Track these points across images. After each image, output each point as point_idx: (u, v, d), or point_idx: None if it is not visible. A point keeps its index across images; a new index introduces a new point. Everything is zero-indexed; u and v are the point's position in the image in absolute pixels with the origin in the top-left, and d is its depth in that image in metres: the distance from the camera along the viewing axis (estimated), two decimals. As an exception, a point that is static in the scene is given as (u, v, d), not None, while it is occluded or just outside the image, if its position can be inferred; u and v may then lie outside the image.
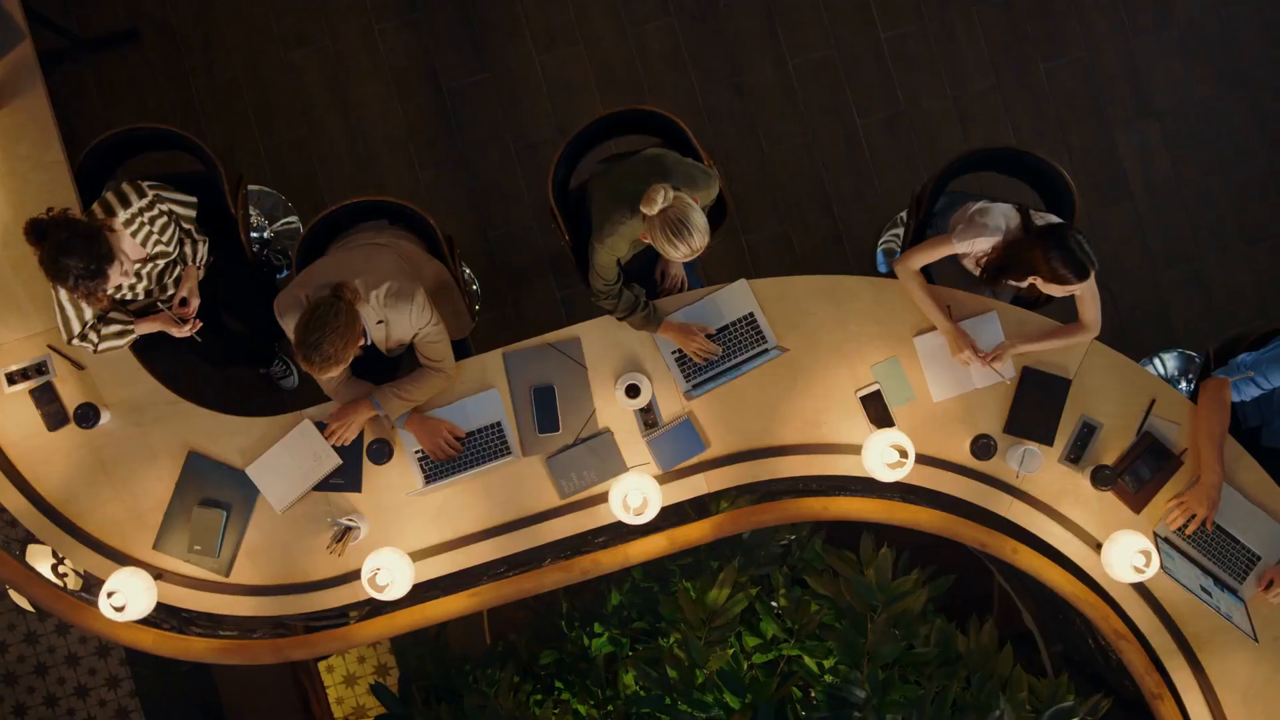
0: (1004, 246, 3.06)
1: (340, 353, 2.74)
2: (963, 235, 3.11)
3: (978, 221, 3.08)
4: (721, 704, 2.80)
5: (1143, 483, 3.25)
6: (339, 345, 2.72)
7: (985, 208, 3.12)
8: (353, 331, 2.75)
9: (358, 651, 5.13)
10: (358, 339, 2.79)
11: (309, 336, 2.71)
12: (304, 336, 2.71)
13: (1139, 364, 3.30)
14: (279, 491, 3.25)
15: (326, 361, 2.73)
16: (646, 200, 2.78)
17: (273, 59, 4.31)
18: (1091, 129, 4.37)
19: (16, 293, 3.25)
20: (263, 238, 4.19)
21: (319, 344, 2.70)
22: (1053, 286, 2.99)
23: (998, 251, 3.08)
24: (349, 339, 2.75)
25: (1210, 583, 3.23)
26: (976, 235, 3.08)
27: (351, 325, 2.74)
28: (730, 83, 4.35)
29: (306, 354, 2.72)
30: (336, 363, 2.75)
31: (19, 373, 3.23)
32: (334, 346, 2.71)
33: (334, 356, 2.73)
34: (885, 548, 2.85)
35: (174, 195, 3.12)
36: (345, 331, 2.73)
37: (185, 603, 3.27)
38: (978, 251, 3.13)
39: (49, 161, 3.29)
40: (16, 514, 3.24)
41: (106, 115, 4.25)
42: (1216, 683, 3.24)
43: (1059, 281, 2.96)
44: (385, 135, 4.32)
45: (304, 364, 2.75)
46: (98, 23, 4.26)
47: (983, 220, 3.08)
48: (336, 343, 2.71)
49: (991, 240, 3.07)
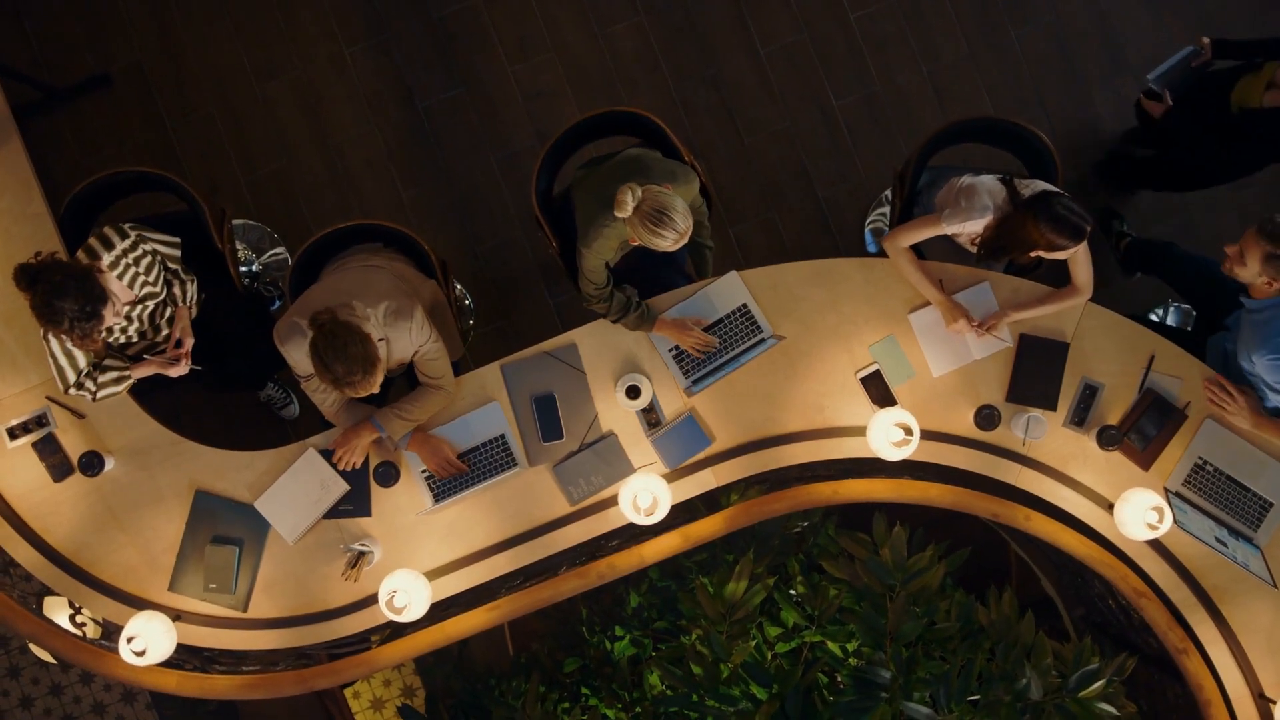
0: (996, 225, 3.07)
1: (369, 372, 2.73)
2: (951, 219, 3.11)
3: (965, 204, 3.09)
4: (748, 696, 2.80)
5: (1149, 440, 3.25)
6: (364, 365, 2.71)
7: (971, 186, 3.11)
8: (369, 347, 2.75)
9: (382, 675, 5.14)
10: (376, 350, 2.78)
11: (333, 369, 2.70)
12: (328, 369, 2.71)
13: (1135, 321, 3.30)
14: (289, 522, 3.25)
15: (368, 377, 2.72)
16: (618, 205, 2.79)
17: (246, 93, 4.31)
18: (1068, 91, 4.38)
19: (10, 347, 3.25)
20: (252, 271, 4.19)
21: (350, 374, 2.70)
22: (1055, 254, 3.01)
23: (990, 231, 3.08)
24: (368, 353, 2.74)
25: (1225, 533, 3.23)
26: (966, 218, 3.09)
27: (366, 342, 2.74)
28: (704, 76, 4.35)
29: (343, 384, 2.72)
30: (371, 379, 2.74)
31: (20, 426, 3.23)
32: (360, 368, 2.71)
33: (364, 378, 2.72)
34: (898, 526, 2.84)
35: (157, 236, 3.11)
36: (363, 349, 2.72)
37: (206, 641, 3.27)
38: (969, 232, 3.14)
39: (31, 214, 3.29)
40: (30, 568, 3.24)
41: (85, 163, 4.25)
42: (1240, 632, 3.24)
43: (1056, 249, 2.97)
44: (365, 158, 4.32)
45: (347, 390, 2.75)
46: (69, 72, 4.26)
47: (970, 203, 3.08)
48: (359, 362, 2.70)
49: (982, 221, 3.08)
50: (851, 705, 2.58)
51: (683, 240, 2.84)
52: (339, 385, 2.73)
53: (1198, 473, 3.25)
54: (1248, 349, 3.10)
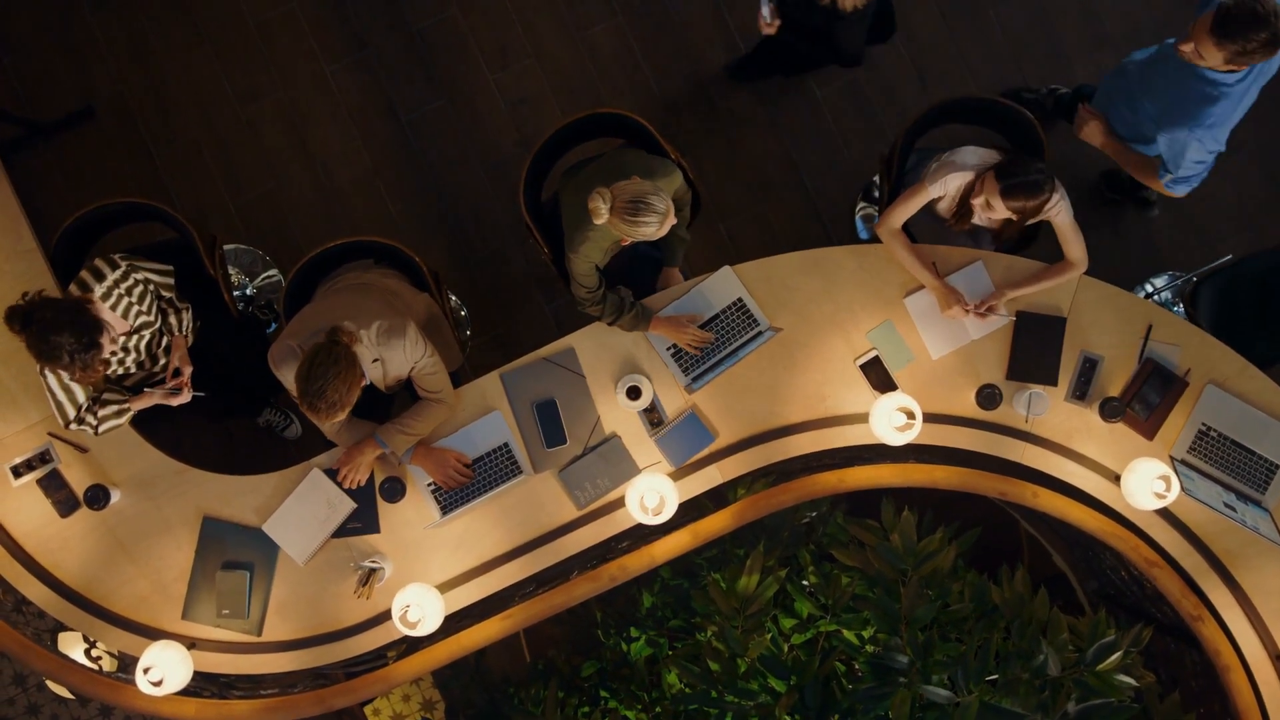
0: (969, 184, 3.08)
1: (344, 397, 2.72)
2: (935, 176, 3.12)
3: (947, 161, 3.11)
4: (767, 689, 2.79)
5: (1152, 409, 3.25)
6: (342, 390, 2.71)
7: (954, 150, 3.13)
8: (353, 374, 2.74)
9: (401, 691, 5.13)
10: (359, 381, 2.78)
11: (311, 385, 2.69)
12: (306, 386, 2.70)
13: (1131, 292, 3.30)
14: (298, 544, 3.25)
15: (332, 408, 2.72)
16: (593, 214, 2.80)
17: (230, 117, 4.31)
18: (1049, 66, 4.37)
19: (9, 386, 3.25)
20: (246, 294, 4.18)
21: (322, 391, 2.69)
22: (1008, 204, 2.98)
23: (963, 190, 3.10)
24: (350, 382, 2.73)
25: (1233, 497, 3.23)
26: (948, 173, 3.09)
27: (351, 368, 2.73)
28: (685, 72, 4.35)
29: (311, 403, 2.71)
30: (341, 407, 2.73)
31: (23, 464, 3.23)
32: (337, 392, 2.70)
33: (338, 402, 2.72)
34: (907, 511, 2.84)
35: (148, 265, 3.11)
36: (346, 375, 2.71)
37: (222, 668, 3.27)
38: (952, 191, 3.13)
39: (22, 251, 3.29)
40: (42, 605, 3.24)
41: (73, 196, 4.24)
42: (1253, 595, 3.24)
43: (1010, 198, 2.96)
44: (352, 175, 4.32)
45: (310, 413, 2.74)
46: (51, 106, 4.26)
47: (951, 159, 3.10)
48: (340, 388, 2.70)
49: (964, 176, 3.08)
50: (870, 692, 2.57)
51: (667, 220, 2.84)
52: (303, 404, 2.72)
53: (1202, 439, 3.25)
54: (1179, 117, 3.01)
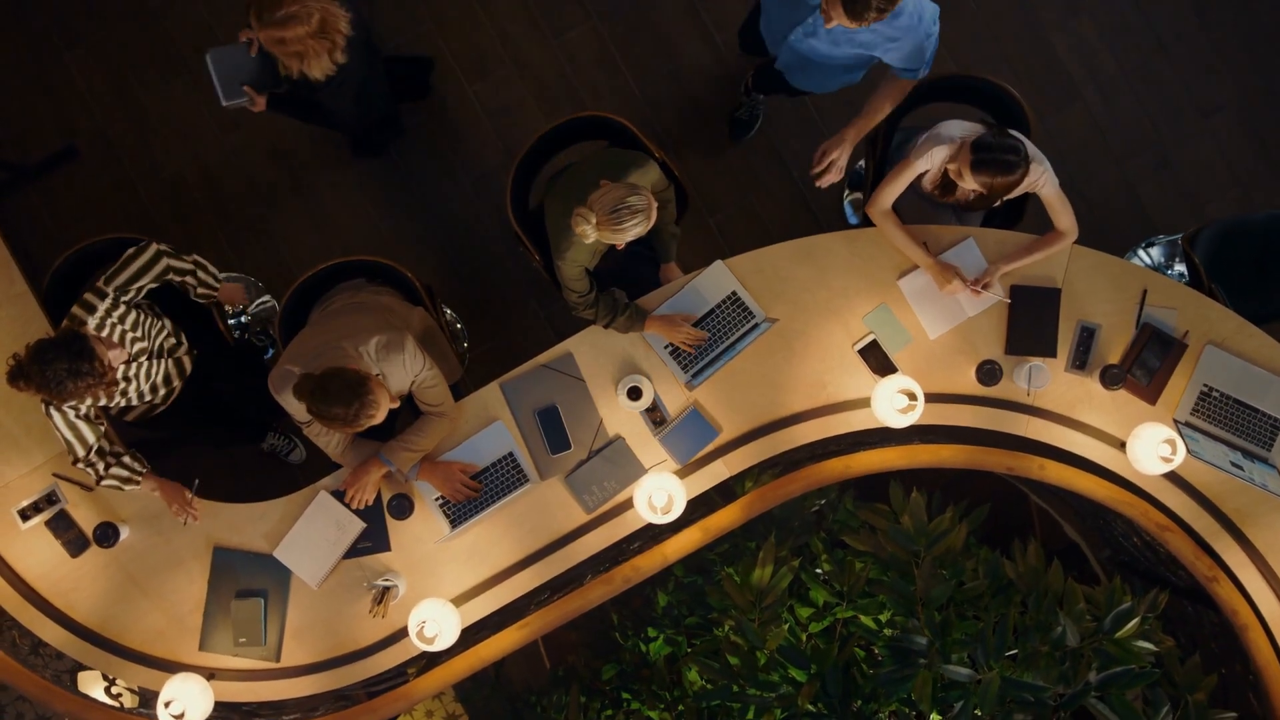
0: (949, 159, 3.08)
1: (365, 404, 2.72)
2: (921, 151, 3.11)
3: (933, 134, 3.10)
4: (788, 680, 2.79)
5: (1153, 373, 3.25)
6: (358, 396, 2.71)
7: (939, 123, 3.13)
8: (366, 383, 2.74)
9: (424, 706, 5.12)
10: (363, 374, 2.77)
11: (334, 413, 2.71)
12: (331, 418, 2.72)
13: (1124, 258, 3.30)
14: (311, 567, 3.25)
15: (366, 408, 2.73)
16: (580, 235, 2.82)
17: (214, 145, 4.30)
18: (1026, 39, 4.38)
19: (11, 429, 3.25)
20: (241, 322, 4.18)
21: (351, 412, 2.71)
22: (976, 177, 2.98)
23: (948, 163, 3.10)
24: (357, 380, 2.73)
25: (1239, 456, 3.23)
26: (933, 146, 3.08)
27: (363, 381, 2.74)
28: (665, 70, 4.35)
29: (350, 424, 2.73)
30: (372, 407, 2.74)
31: (30, 507, 3.23)
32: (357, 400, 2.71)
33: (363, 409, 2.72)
34: (915, 492, 2.84)
35: (127, 271, 3.02)
36: (349, 380, 2.72)
37: (243, 696, 3.27)
38: (937, 165, 3.12)
39: (15, 294, 3.29)
40: (59, 646, 3.24)
41: (62, 236, 4.23)
42: (1266, 552, 3.24)
43: (978, 172, 2.95)
44: (339, 196, 4.32)
45: (356, 426, 2.75)
46: (34, 148, 4.25)
47: (937, 131, 3.09)
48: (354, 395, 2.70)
49: (948, 148, 3.07)
50: (891, 675, 2.57)
51: (650, 215, 2.84)
52: (348, 425, 2.73)
53: (1205, 400, 3.26)
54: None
